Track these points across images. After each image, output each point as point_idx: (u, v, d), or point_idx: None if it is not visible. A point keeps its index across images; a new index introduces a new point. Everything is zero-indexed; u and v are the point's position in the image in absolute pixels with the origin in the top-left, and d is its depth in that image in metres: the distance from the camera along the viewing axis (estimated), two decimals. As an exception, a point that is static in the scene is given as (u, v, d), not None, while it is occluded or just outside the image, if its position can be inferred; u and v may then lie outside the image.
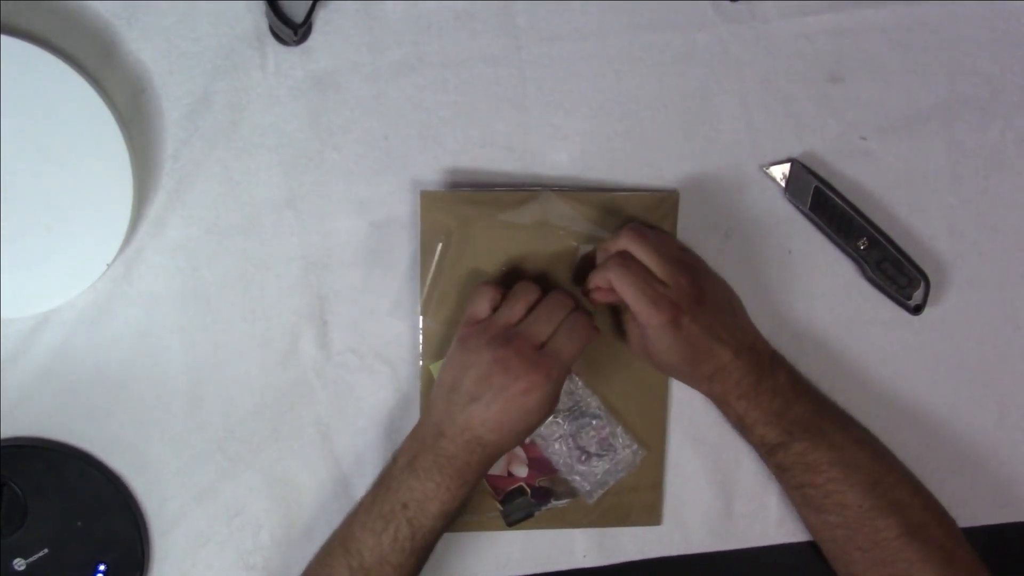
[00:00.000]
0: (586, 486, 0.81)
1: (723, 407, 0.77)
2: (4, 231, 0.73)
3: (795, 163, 0.79)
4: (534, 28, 0.78)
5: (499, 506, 0.81)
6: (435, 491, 0.70)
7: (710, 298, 0.73)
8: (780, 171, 0.79)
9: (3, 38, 0.70)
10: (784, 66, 0.80)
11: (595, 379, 0.80)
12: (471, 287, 0.76)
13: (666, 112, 0.79)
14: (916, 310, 0.80)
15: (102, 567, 0.78)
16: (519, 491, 0.81)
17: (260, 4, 0.76)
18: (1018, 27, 0.81)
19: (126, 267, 0.78)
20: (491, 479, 0.80)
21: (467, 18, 0.78)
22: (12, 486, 0.77)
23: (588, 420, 0.80)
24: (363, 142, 0.78)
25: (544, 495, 0.81)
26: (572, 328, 0.72)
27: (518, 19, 0.78)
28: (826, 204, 0.79)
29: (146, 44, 0.76)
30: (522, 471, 0.81)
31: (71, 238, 0.74)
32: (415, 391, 0.80)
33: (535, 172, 0.79)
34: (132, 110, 0.77)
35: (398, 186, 0.79)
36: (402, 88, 0.78)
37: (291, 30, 0.74)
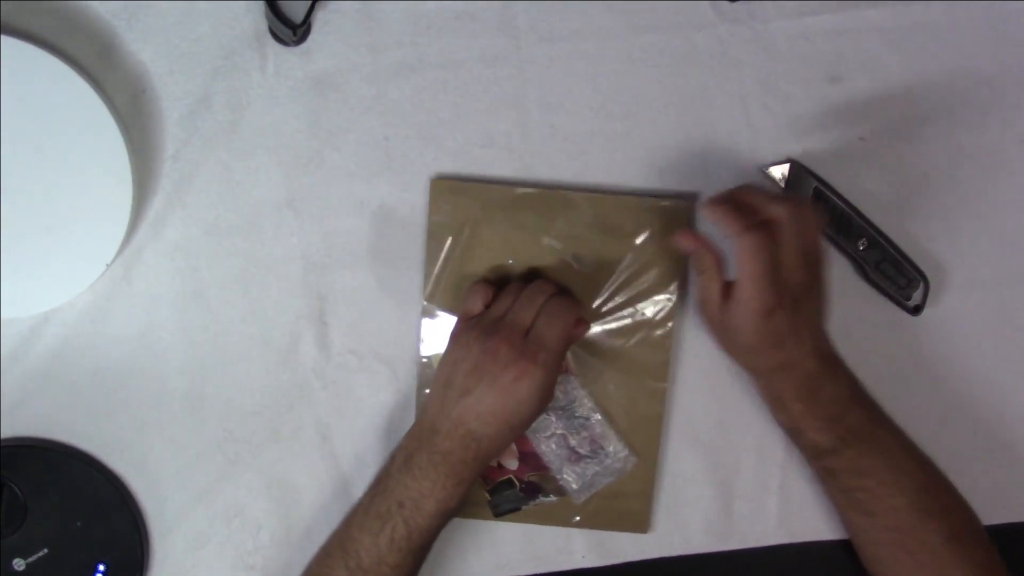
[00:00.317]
0: (574, 486, 0.81)
1: (775, 406, 0.75)
2: (4, 231, 0.73)
3: (794, 163, 0.79)
4: (534, 29, 0.78)
5: (487, 496, 0.81)
6: (431, 489, 0.70)
7: (812, 299, 0.72)
8: (779, 171, 0.79)
9: (3, 38, 0.70)
10: (783, 67, 0.80)
11: (591, 382, 0.80)
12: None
13: (666, 112, 0.79)
14: (915, 310, 0.80)
15: (102, 567, 0.78)
16: (508, 483, 0.81)
17: (259, 5, 0.76)
18: (1018, 28, 0.81)
19: (126, 267, 0.78)
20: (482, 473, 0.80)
21: (467, 19, 0.78)
22: (12, 486, 0.77)
23: (581, 421, 0.80)
24: (363, 143, 0.78)
25: (533, 490, 0.81)
26: (551, 312, 0.72)
27: (518, 20, 0.78)
28: (826, 204, 0.79)
29: (146, 44, 0.76)
30: (512, 464, 0.81)
31: (71, 238, 0.74)
32: (415, 392, 0.80)
33: (535, 173, 0.79)
34: (132, 110, 0.77)
35: (398, 187, 0.79)
36: (402, 89, 0.78)
37: (290, 31, 0.74)
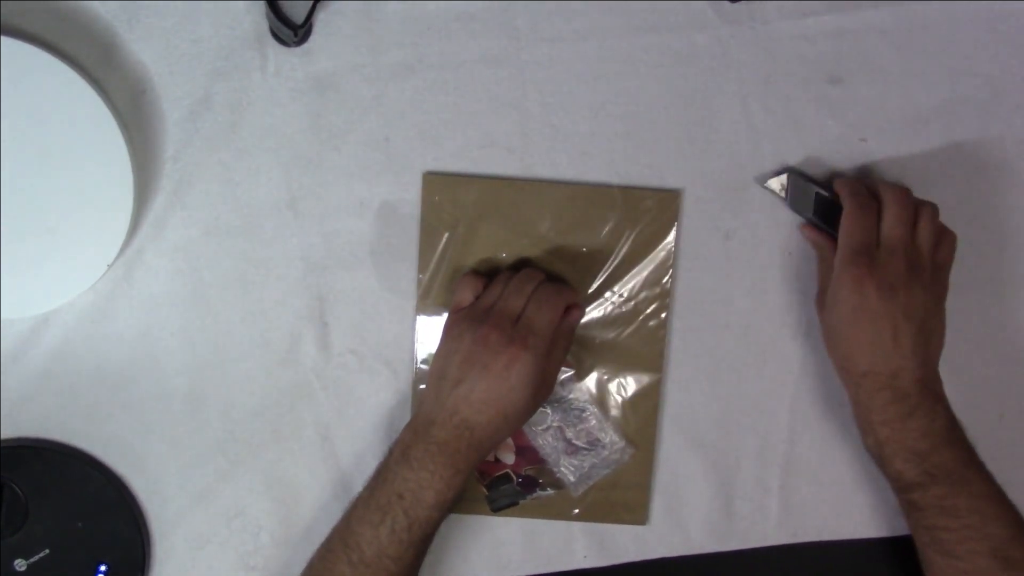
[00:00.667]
0: (572, 479, 0.81)
1: (864, 427, 0.74)
2: (4, 232, 0.73)
3: (792, 173, 0.79)
4: (534, 29, 0.78)
5: (485, 491, 0.81)
6: (429, 480, 0.70)
7: (924, 315, 0.71)
8: (778, 183, 0.79)
9: (3, 39, 0.70)
10: (784, 67, 0.80)
11: (585, 374, 0.81)
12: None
13: (666, 113, 0.79)
14: None
15: (103, 568, 0.78)
16: (505, 478, 0.81)
17: (260, 5, 0.76)
18: (1018, 28, 0.80)
19: (126, 268, 0.78)
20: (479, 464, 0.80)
21: (467, 19, 0.78)
22: (13, 487, 0.77)
23: (578, 413, 0.81)
24: (363, 143, 0.78)
25: (530, 484, 0.81)
26: (540, 298, 0.73)
27: (518, 20, 0.78)
28: (830, 209, 0.78)
29: (146, 45, 0.76)
30: (509, 458, 0.81)
31: (71, 239, 0.74)
32: (411, 388, 0.80)
33: (535, 173, 0.79)
34: (132, 111, 0.77)
35: (399, 187, 0.79)
36: (402, 89, 0.78)
37: (291, 31, 0.74)
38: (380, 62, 0.78)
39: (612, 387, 0.81)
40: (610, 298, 0.80)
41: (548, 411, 0.81)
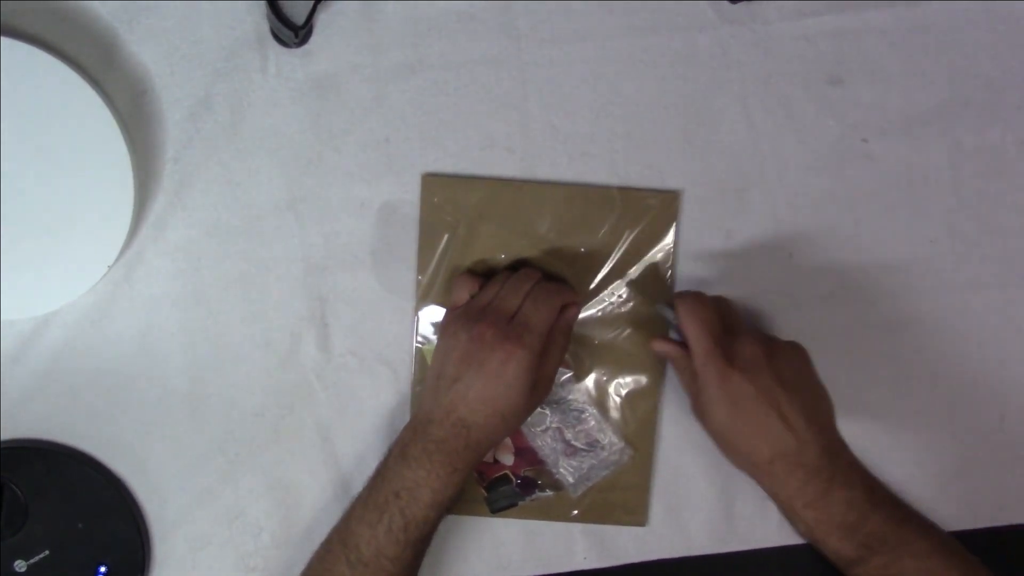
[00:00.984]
0: (571, 480, 0.81)
1: (790, 516, 0.72)
2: (5, 233, 0.73)
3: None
4: (535, 30, 0.78)
5: (484, 492, 0.81)
6: (425, 478, 0.70)
7: (782, 374, 0.70)
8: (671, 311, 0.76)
9: (3, 40, 0.70)
10: (784, 68, 0.80)
11: (584, 375, 0.81)
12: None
13: (666, 114, 0.79)
14: None
15: (103, 569, 0.78)
16: (504, 479, 0.81)
17: (261, 6, 0.76)
18: (1019, 29, 0.80)
19: (127, 269, 0.78)
20: (477, 464, 0.80)
21: (468, 20, 0.78)
22: (13, 488, 0.77)
23: (576, 414, 0.81)
24: (364, 144, 0.78)
25: (529, 485, 0.81)
26: (538, 296, 0.73)
27: (519, 21, 0.78)
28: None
29: (147, 46, 0.76)
30: (508, 459, 0.81)
31: (72, 240, 0.74)
32: (410, 388, 0.80)
33: (536, 174, 0.79)
34: (133, 112, 0.77)
35: (399, 188, 0.79)
36: (403, 90, 0.78)
37: (292, 32, 0.74)
38: (380, 63, 0.78)
39: (611, 388, 0.81)
40: (609, 299, 0.80)
41: (547, 412, 0.81)
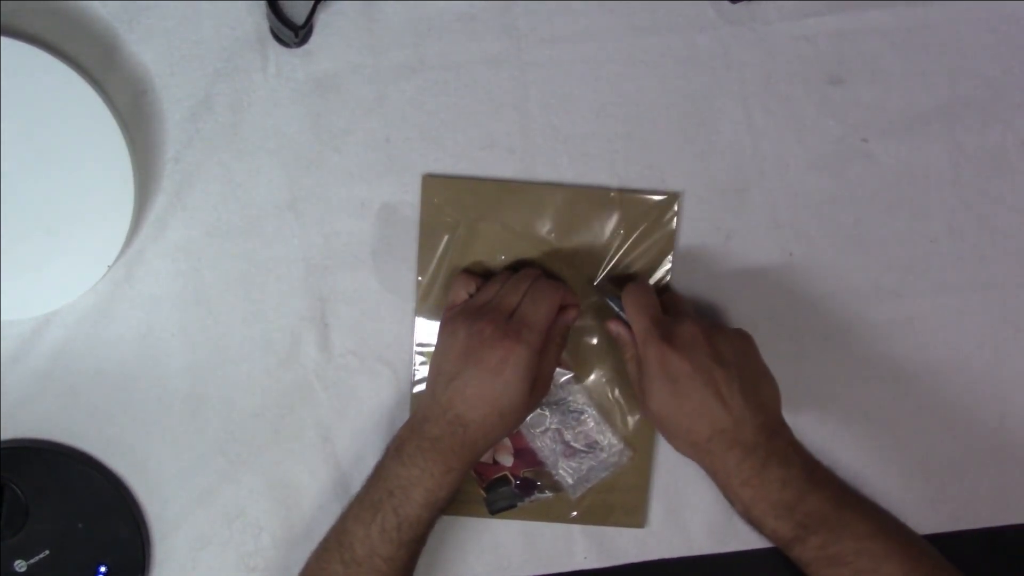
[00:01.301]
0: (570, 481, 0.81)
1: (728, 494, 0.71)
2: (5, 233, 0.73)
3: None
4: (535, 30, 0.78)
5: (483, 493, 0.81)
6: (419, 477, 0.70)
7: (720, 352, 0.69)
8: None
9: (3, 40, 0.70)
10: (785, 68, 0.80)
11: (585, 376, 0.81)
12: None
13: (667, 114, 0.79)
14: None
15: (103, 569, 0.78)
16: (503, 480, 0.81)
17: (261, 6, 0.76)
18: (1019, 29, 0.80)
19: (127, 269, 0.78)
20: (476, 465, 0.80)
21: (468, 20, 0.78)
22: (13, 488, 0.77)
23: (576, 415, 0.81)
24: (364, 144, 0.78)
25: (528, 487, 0.81)
26: (536, 294, 0.73)
27: (519, 21, 0.78)
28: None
29: (147, 46, 0.76)
30: (507, 460, 0.81)
31: (72, 240, 0.74)
32: (410, 388, 0.80)
33: (536, 174, 0.79)
34: (133, 112, 0.77)
35: (400, 188, 0.79)
36: (403, 90, 0.78)
37: (292, 32, 0.74)
38: (381, 63, 0.78)
39: (610, 389, 0.81)
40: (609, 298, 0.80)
41: (546, 413, 0.81)
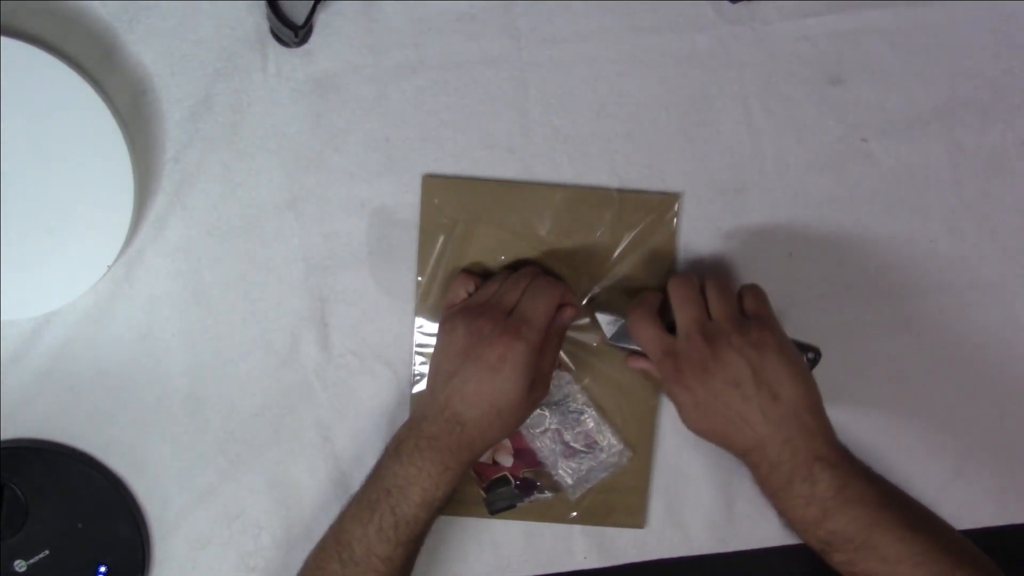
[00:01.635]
0: (569, 481, 0.81)
1: (769, 502, 0.70)
2: (5, 232, 0.73)
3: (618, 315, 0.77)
4: (535, 30, 0.78)
5: (482, 493, 0.81)
6: (416, 476, 0.70)
7: (730, 371, 0.68)
8: (606, 319, 0.77)
9: (3, 39, 0.70)
10: (785, 68, 0.80)
11: (585, 376, 0.81)
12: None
13: (667, 114, 0.79)
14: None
15: (103, 569, 0.78)
16: (503, 480, 0.81)
17: (261, 6, 0.76)
18: (1019, 29, 0.80)
19: (127, 269, 0.78)
20: (476, 466, 0.80)
21: (468, 20, 0.78)
22: (13, 487, 0.77)
23: (575, 416, 0.81)
24: (364, 144, 0.78)
25: (528, 487, 0.81)
26: (535, 291, 0.73)
27: (519, 21, 0.78)
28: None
29: (147, 46, 0.76)
30: (507, 460, 0.81)
31: (72, 240, 0.74)
32: (409, 388, 0.80)
33: (536, 174, 0.79)
34: (133, 112, 0.77)
35: (399, 188, 0.79)
36: (403, 90, 0.78)
37: (292, 32, 0.74)
38: (381, 63, 0.78)
39: (611, 389, 0.81)
40: (610, 299, 0.80)
41: (546, 413, 0.81)
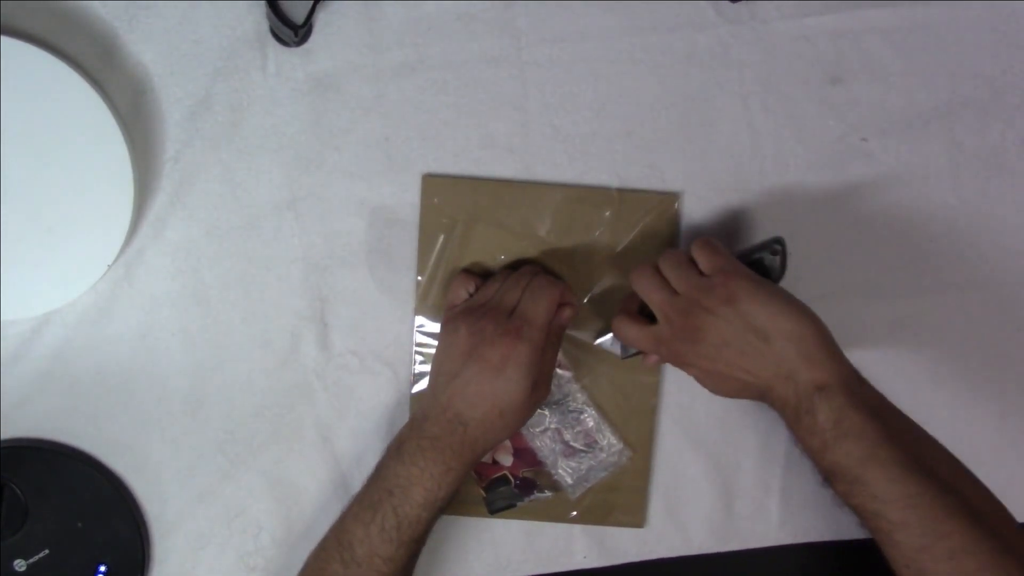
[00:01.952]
0: (569, 481, 0.81)
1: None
2: (5, 232, 0.73)
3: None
4: (535, 29, 0.78)
5: (482, 493, 0.81)
6: (418, 476, 0.70)
7: (714, 333, 0.68)
8: (609, 340, 0.79)
9: (3, 39, 0.70)
10: (785, 67, 0.80)
11: (583, 376, 0.81)
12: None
13: (667, 114, 0.79)
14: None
15: (103, 568, 0.78)
16: (503, 480, 0.81)
17: (261, 5, 0.76)
18: (1019, 29, 0.80)
19: (127, 268, 0.78)
20: (476, 465, 0.80)
21: (468, 19, 0.78)
22: (13, 487, 0.77)
23: (575, 415, 0.81)
24: (364, 143, 0.78)
25: (528, 487, 0.81)
26: (535, 291, 0.73)
27: (519, 20, 0.78)
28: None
29: (147, 46, 0.76)
30: (507, 460, 0.81)
31: (72, 239, 0.74)
32: (409, 388, 0.80)
33: (536, 174, 0.79)
34: (133, 111, 0.77)
35: (399, 187, 0.79)
36: (403, 89, 0.78)
37: (292, 31, 0.74)
38: (380, 62, 0.78)
39: (610, 389, 0.81)
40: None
41: (546, 413, 0.81)
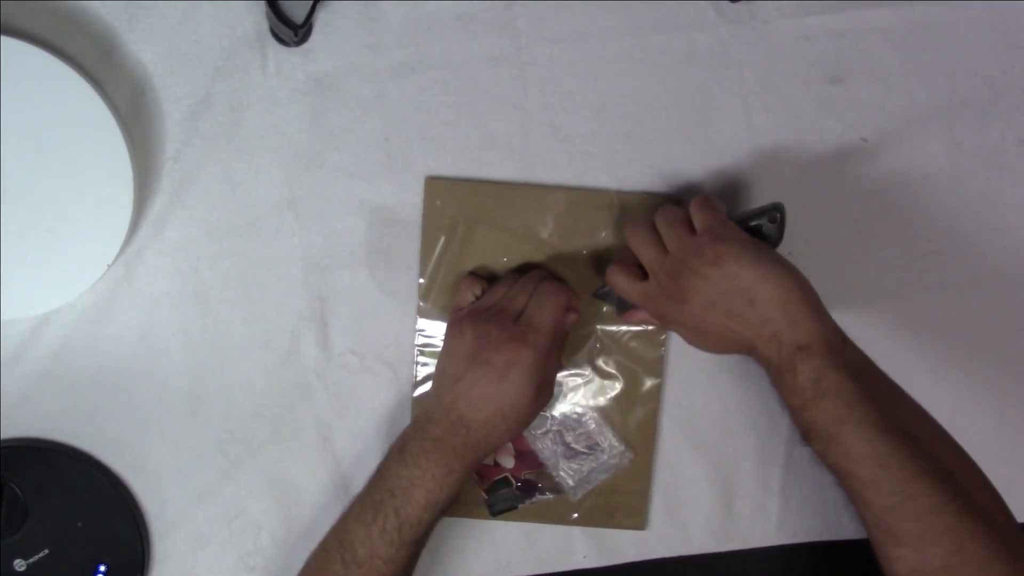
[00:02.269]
0: (570, 483, 0.81)
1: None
2: (4, 232, 0.73)
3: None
4: (535, 29, 0.78)
5: (484, 495, 0.81)
6: (420, 477, 0.70)
7: (701, 294, 0.68)
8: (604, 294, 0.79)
9: (3, 39, 0.70)
10: (784, 67, 0.80)
11: (586, 377, 0.81)
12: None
13: (666, 113, 0.79)
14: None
15: (102, 568, 0.78)
16: (504, 482, 0.81)
17: (260, 5, 0.76)
18: (1019, 29, 0.80)
19: (126, 268, 0.78)
20: (477, 467, 0.80)
21: (468, 19, 0.78)
22: (12, 487, 0.77)
23: (577, 417, 0.81)
24: (364, 143, 0.78)
25: (529, 488, 0.81)
26: (542, 296, 0.73)
27: (519, 20, 0.78)
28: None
29: (147, 45, 0.76)
30: (508, 462, 0.81)
31: (71, 239, 0.74)
32: (411, 391, 0.80)
33: (536, 174, 0.79)
34: (133, 111, 0.77)
35: (399, 187, 0.79)
36: (403, 89, 0.78)
37: (291, 31, 0.74)
38: (380, 62, 0.78)
39: (611, 391, 0.81)
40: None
41: (547, 415, 0.81)
